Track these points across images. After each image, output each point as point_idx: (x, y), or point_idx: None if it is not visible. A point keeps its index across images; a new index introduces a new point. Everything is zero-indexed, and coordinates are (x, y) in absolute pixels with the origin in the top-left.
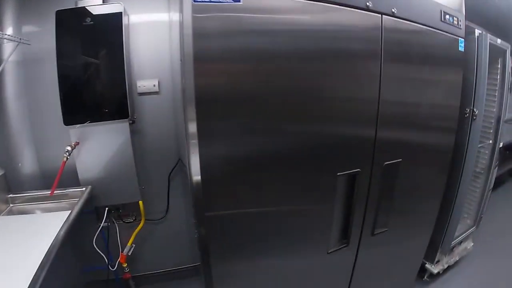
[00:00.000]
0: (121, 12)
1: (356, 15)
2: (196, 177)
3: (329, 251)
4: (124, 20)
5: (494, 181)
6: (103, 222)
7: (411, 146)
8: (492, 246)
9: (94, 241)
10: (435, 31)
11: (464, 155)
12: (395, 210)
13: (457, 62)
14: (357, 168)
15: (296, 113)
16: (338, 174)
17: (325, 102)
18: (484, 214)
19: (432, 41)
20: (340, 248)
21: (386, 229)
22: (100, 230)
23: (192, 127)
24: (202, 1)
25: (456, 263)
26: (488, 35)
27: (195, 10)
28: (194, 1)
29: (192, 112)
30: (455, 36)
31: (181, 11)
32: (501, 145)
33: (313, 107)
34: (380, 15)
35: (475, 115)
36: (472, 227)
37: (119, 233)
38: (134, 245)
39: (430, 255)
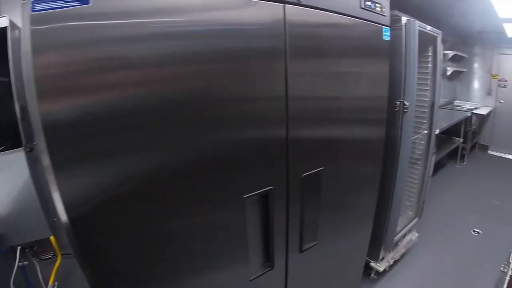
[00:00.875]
0: (6, 27)
1: (251, 6)
2: (63, 216)
3: (252, 278)
4: (14, 34)
5: (435, 165)
6: (17, 262)
7: (336, 146)
8: (436, 233)
9: (11, 281)
10: (354, 20)
11: (398, 148)
12: (325, 219)
13: (382, 53)
14: (268, 186)
15: (182, 125)
16: (245, 196)
17: (219, 110)
18: (426, 203)
19: (351, 32)
20: (264, 273)
21: (316, 242)
22: (17, 270)
23: (46, 160)
24: (42, 10)
25: (402, 256)
26: (417, 22)
27: (34, 21)
28: (33, 11)
29: (42, 141)
30: (378, 25)
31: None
32: (437, 131)
33: (203, 117)
34: (282, 4)
35: (406, 108)
36: (414, 218)
37: (41, 271)
38: (56, 283)
39: (374, 253)
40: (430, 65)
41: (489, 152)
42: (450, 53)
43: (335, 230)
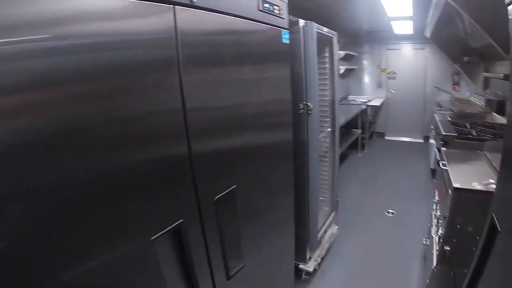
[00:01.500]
0: None
1: (134, 10)
2: None
3: None
4: None
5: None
6: None
7: (246, 157)
8: (354, 222)
9: None
10: (252, 23)
11: (307, 150)
12: (248, 237)
13: (283, 56)
14: (178, 218)
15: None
16: (152, 238)
17: (98, 134)
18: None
19: (250, 36)
20: None
21: (242, 264)
22: None
23: None
24: None
25: (328, 251)
26: (314, 24)
27: None
28: None
29: None
30: (278, 28)
31: None
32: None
33: (80, 145)
34: (172, 6)
35: (310, 109)
36: (331, 212)
37: None
38: None
39: (301, 255)
40: (327, 65)
41: (386, 137)
42: (342, 53)
43: (260, 245)
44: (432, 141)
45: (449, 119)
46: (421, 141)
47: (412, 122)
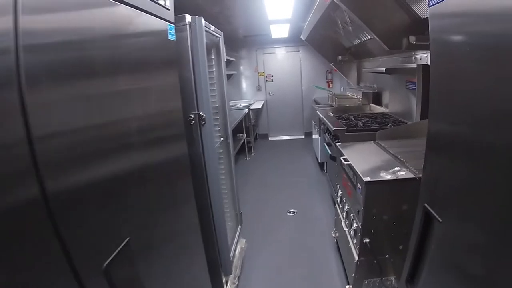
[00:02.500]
0: None
1: None
2: None
3: None
4: None
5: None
6: None
7: (134, 191)
8: (259, 231)
9: None
10: (131, 10)
11: (204, 164)
12: (158, 283)
13: (170, 57)
14: None
15: None
16: None
17: None
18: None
19: (129, 28)
20: None
21: None
22: None
23: None
24: None
25: (242, 268)
26: (203, 20)
27: None
28: None
29: None
30: (163, 20)
31: None
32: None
33: None
34: None
35: (203, 120)
36: (237, 226)
37: None
38: None
39: (217, 282)
40: (214, 68)
41: (270, 138)
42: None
43: (172, 284)
44: (315, 136)
45: (332, 114)
46: (302, 137)
47: (292, 121)
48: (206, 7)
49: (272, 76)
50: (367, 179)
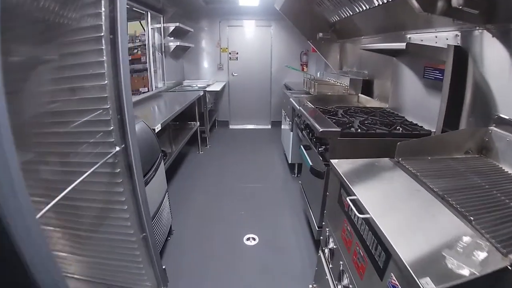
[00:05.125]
0: None
1: None
2: None
3: None
4: None
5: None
6: None
7: None
8: (203, 274)
9: None
10: None
11: None
12: None
13: None
14: None
15: None
16: None
17: None
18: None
19: None
20: None
21: None
22: None
23: None
24: None
25: None
26: None
27: None
28: None
29: None
30: None
31: None
32: (158, 127)
33: None
34: None
35: None
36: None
37: None
38: None
39: None
40: (103, 27)
41: (230, 127)
42: (172, 26)
43: None
44: (285, 127)
45: (311, 104)
46: (269, 127)
47: (258, 107)
48: None
49: (237, 53)
50: (428, 284)
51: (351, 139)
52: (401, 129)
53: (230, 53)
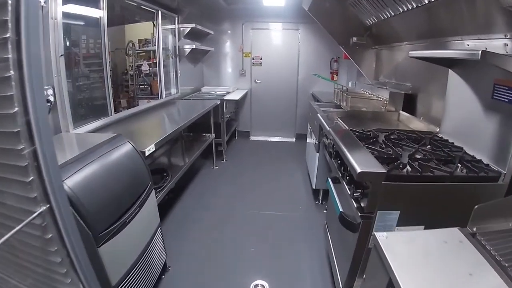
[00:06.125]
0: None
1: None
2: None
3: None
4: None
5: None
6: None
7: None
8: None
9: None
10: None
11: None
12: None
13: None
14: None
15: None
16: None
17: None
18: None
19: None
20: None
21: None
22: None
23: None
24: None
25: None
26: None
27: None
28: None
29: None
30: None
31: None
32: (149, 150)
33: None
34: None
35: None
36: None
37: None
38: None
39: None
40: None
41: (251, 138)
42: (188, 27)
43: None
44: (310, 140)
45: (342, 122)
46: (293, 140)
47: (282, 118)
48: None
49: (261, 59)
50: None
51: (400, 183)
52: (465, 169)
53: (253, 58)
